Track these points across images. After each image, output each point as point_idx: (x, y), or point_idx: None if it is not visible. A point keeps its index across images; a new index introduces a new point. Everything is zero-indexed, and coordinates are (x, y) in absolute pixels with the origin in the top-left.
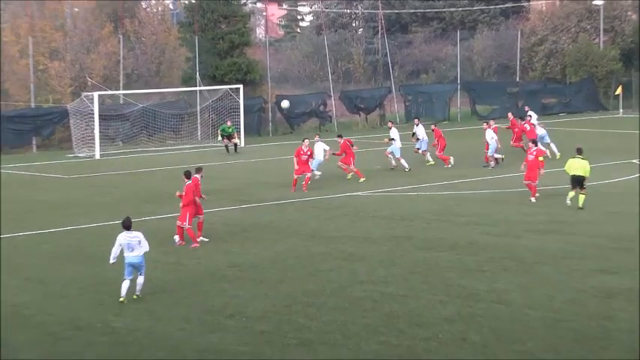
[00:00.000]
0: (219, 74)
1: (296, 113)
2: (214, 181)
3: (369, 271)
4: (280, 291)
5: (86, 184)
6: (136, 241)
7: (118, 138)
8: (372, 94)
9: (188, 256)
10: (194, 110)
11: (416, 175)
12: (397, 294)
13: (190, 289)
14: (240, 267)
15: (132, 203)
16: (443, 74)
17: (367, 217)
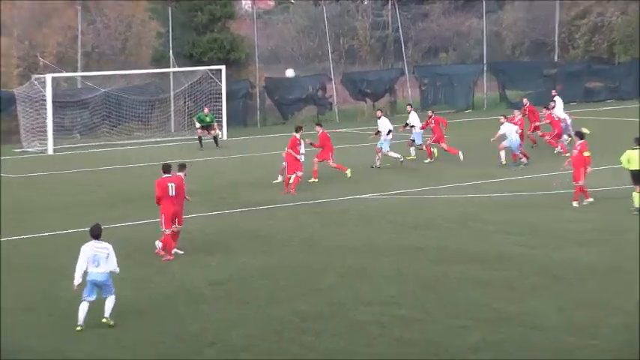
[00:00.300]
0: (197, 53)
1: (289, 100)
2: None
3: (375, 289)
4: (269, 313)
5: (37, 185)
6: (104, 254)
7: (76, 129)
8: (380, 76)
9: (160, 272)
10: (167, 96)
11: (432, 175)
12: (410, 317)
13: (162, 312)
14: (221, 284)
15: (91, 208)
16: (466, 53)
17: (374, 223)
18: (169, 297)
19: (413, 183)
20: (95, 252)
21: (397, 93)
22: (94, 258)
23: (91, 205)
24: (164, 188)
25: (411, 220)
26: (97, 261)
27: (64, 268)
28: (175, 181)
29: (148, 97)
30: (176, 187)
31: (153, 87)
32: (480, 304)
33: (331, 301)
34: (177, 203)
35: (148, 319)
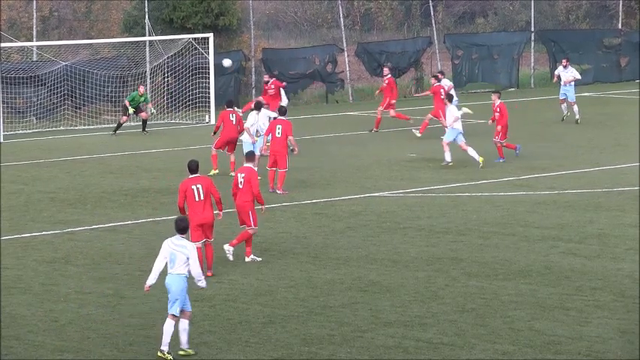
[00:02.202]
0: (179, 18)
1: (292, 76)
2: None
3: (398, 308)
4: (269, 337)
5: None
6: (182, 254)
7: (31, 111)
8: (403, 47)
9: (132, 286)
10: (142, 70)
11: (465, 169)
12: (439, 342)
13: (137, 334)
14: (210, 301)
15: (49, 207)
16: (509, 18)
17: (396, 228)
18: (143, 316)
19: (444, 177)
20: (172, 250)
21: (424, 67)
22: (171, 257)
23: (48, 204)
24: (188, 192)
25: (442, 223)
26: (173, 261)
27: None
28: (203, 183)
29: (118, 72)
30: (204, 190)
31: (125, 59)
32: (524, 326)
33: (343, 321)
34: (205, 210)
35: (117, 344)
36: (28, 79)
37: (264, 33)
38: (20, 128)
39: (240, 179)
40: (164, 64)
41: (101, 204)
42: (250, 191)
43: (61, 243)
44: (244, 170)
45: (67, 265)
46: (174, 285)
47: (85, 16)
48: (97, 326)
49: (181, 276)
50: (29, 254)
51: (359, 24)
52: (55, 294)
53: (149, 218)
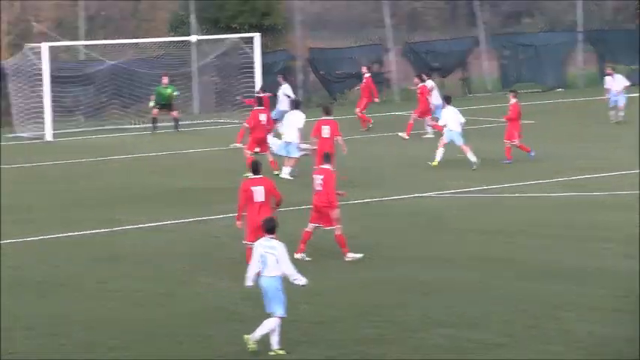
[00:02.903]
0: (225, 17)
1: (338, 75)
2: (213, 176)
3: (449, 308)
4: (319, 337)
5: (32, 178)
6: (272, 255)
7: (79, 110)
8: (450, 47)
9: (183, 284)
10: (188, 70)
11: (513, 169)
12: (491, 342)
13: (187, 333)
14: (259, 300)
15: (97, 205)
16: (556, 18)
17: (446, 229)
18: (194, 315)
19: (493, 178)
20: (263, 251)
21: (471, 68)
22: (262, 258)
23: (96, 202)
24: (248, 193)
25: (493, 224)
26: (265, 263)
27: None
28: (265, 185)
29: (165, 72)
30: (265, 192)
31: (171, 59)
32: (576, 327)
33: (394, 321)
34: (263, 212)
35: (168, 342)
36: (76, 78)
37: (311, 32)
38: (68, 127)
39: (318, 181)
40: (211, 64)
41: (149, 203)
42: (333, 191)
43: (110, 241)
44: (322, 172)
45: (116, 264)
46: (269, 287)
47: (131, 16)
48: (147, 325)
49: (275, 277)
50: (79, 252)
51: (405, 24)
52: (105, 292)
53: (196, 217)
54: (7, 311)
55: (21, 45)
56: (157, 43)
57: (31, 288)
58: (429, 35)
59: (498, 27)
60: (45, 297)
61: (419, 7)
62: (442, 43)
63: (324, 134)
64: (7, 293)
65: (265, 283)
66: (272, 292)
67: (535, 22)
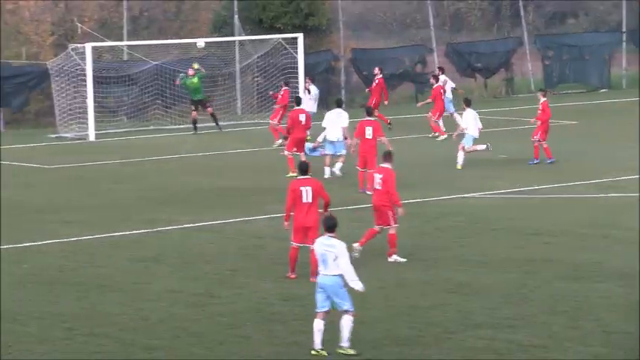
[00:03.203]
0: (268, 18)
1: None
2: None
3: (488, 309)
4: (359, 337)
5: (75, 178)
6: (331, 254)
7: (122, 111)
8: (493, 47)
9: (224, 285)
10: (231, 70)
11: (555, 169)
12: (530, 344)
13: (227, 333)
14: (301, 301)
15: (140, 206)
16: (600, 18)
17: (486, 229)
18: (233, 315)
19: (533, 179)
20: (323, 250)
21: (514, 68)
22: (322, 257)
23: (138, 203)
24: (297, 193)
25: (534, 225)
26: (325, 262)
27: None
28: (313, 185)
29: (208, 72)
30: (313, 193)
31: (214, 59)
32: (616, 328)
33: (433, 322)
34: (310, 213)
35: (208, 343)
36: (119, 78)
37: (354, 33)
38: (111, 127)
39: (377, 180)
40: (254, 64)
41: (191, 203)
42: (394, 190)
43: (151, 242)
44: (382, 171)
45: (157, 264)
46: (332, 285)
47: (174, 16)
48: (187, 325)
49: (334, 277)
50: (120, 253)
51: (448, 24)
52: (146, 292)
53: (238, 218)
54: (47, 311)
55: (65, 45)
56: None
57: (72, 288)
58: (473, 36)
59: (542, 27)
60: (86, 297)
61: (463, 8)
62: (486, 43)
63: (367, 135)
64: (49, 293)
65: (325, 281)
66: (334, 290)
67: (579, 23)
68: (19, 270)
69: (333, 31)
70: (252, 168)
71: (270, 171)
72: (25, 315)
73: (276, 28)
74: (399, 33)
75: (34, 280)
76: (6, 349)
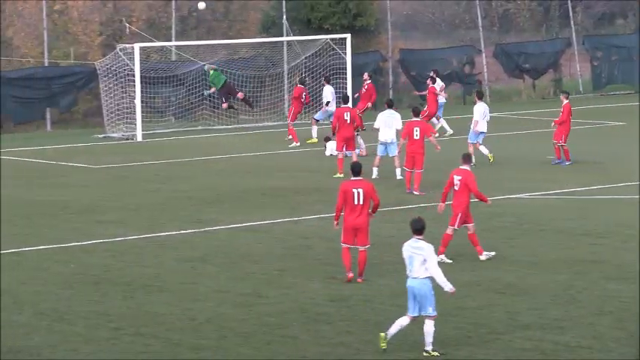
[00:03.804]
0: (317, 18)
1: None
2: (303, 176)
3: (535, 310)
4: (405, 338)
5: (122, 178)
6: (419, 256)
7: (169, 111)
8: (542, 48)
9: (269, 286)
10: (279, 71)
11: (603, 170)
12: (577, 344)
13: (274, 334)
14: (347, 302)
15: (187, 206)
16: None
17: (534, 230)
18: (280, 315)
19: (581, 180)
20: (411, 253)
21: (563, 69)
22: (409, 260)
23: (186, 203)
24: (348, 194)
25: (582, 226)
26: (412, 264)
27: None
28: (364, 187)
29: (256, 72)
30: (365, 195)
31: (262, 60)
32: None
33: (480, 323)
34: (361, 215)
35: (255, 343)
36: (167, 78)
37: (402, 33)
38: (159, 127)
39: (455, 181)
40: (302, 65)
41: (239, 203)
42: (467, 193)
43: (199, 242)
44: (460, 172)
45: (204, 264)
46: (420, 289)
47: (223, 16)
48: (234, 325)
49: (422, 280)
50: (167, 253)
51: (497, 25)
52: (193, 292)
53: (287, 218)
54: (93, 311)
55: (113, 45)
56: (249, 44)
57: (118, 288)
58: (522, 36)
59: (591, 28)
60: (132, 297)
61: (512, 8)
62: (534, 44)
63: (414, 135)
64: (95, 292)
65: (414, 284)
66: (422, 293)
67: (628, 24)
68: (66, 270)
69: (381, 32)
70: (299, 168)
71: (318, 171)
72: (71, 314)
73: (324, 28)
74: (448, 34)
75: (81, 279)
76: (51, 348)
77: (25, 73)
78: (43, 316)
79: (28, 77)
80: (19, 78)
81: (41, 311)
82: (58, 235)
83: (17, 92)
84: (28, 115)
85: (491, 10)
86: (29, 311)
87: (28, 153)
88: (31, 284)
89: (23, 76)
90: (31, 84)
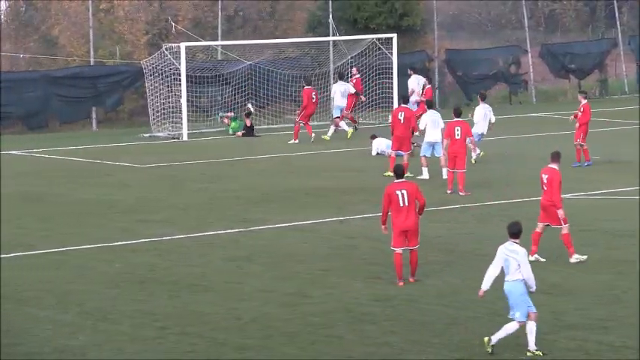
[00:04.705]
0: (363, 18)
1: (475, 77)
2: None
3: (580, 310)
4: (451, 338)
5: (168, 178)
6: (514, 260)
7: (215, 110)
8: (588, 48)
9: (314, 285)
10: (325, 70)
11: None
12: (622, 345)
13: (319, 333)
14: (392, 302)
15: (233, 205)
16: None
17: (579, 231)
18: (325, 315)
19: (625, 181)
20: (506, 256)
21: (609, 70)
22: (505, 263)
23: (232, 202)
24: (392, 197)
25: (624, 227)
26: (508, 267)
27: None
28: (408, 189)
29: (302, 72)
30: (409, 196)
31: (309, 59)
32: None
33: None
34: (409, 217)
35: (300, 343)
36: (213, 78)
37: (448, 33)
38: (204, 127)
39: (544, 180)
40: (348, 64)
41: (284, 203)
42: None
43: (245, 241)
44: (548, 171)
45: (250, 264)
46: (512, 292)
47: (269, 16)
48: (279, 325)
49: (517, 281)
50: (214, 252)
51: (543, 25)
52: (238, 292)
53: (332, 217)
54: (139, 310)
55: (159, 45)
56: (295, 44)
57: (164, 287)
58: (567, 37)
59: (637, 28)
60: (178, 296)
61: (557, 9)
62: (580, 44)
63: (456, 135)
64: (140, 292)
65: (509, 287)
66: (515, 296)
67: None
68: (111, 269)
69: (427, 32)
70: (344, 168)
71: (363, 171)
72: (116, 314)
73: (370, 28)
74: (494, 34)
75: (126, 279)
76: (96, 347)
77: (71, 72)
78: (88, 315)
79: (74, 76)
80: (65, 77)
81: (86, 310)
82: (103, 234)
83: (63, 91)
84: (74, 114)
85: (537, 10)
86: (74, 310)
87: (73, 152)
88: (76, 283)
89: (69, 75)
90: (77, 83)
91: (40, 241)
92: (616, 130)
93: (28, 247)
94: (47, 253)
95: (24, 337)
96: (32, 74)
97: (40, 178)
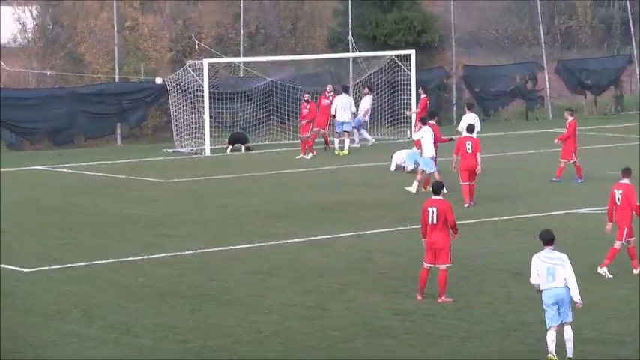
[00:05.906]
0: (382, 35)
1: (492, 93)
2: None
3: (596, 325)
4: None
5: (191, 193)
6: (560, 266)
7: (237, 126)
8: (603, 65)
9: (334, 299)
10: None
11: None
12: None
13: (338, 347)
14: (410, 315)
15: (254, 220)
16: None
17: (595, 245)
18: (345, 329)
19: None
20: (548, 263)
21: (624, 86)
22: (548, 271)
23: (253, 217)
24: (424, 214)
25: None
26: (553, 275)
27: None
28: (439, 206)
29: (322, 88)
30: (438, 214)
31: (328, 76)
32: None
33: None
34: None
35: (318, 356)
36: (235, 94)
37: (466, 50)
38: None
39: (617, 195)
40: (367, 80)
41: (305, 218)
42: (628, 207)
43: (266, 255)
44: (621, 187)
45: (271, 277)
46: (564, 297)
47: (290, 33)
48: (299, 338)
49: (564, 288)
50: (235, 266)
51: (559, 41)
52: (260, 305)
53: (351, 232)
54: (160, 323)
55: (182, 61)
56: (315, 60)
57: (186, 300)
58: (583, 53)
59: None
60: (200, 310)
61: (574, 26)
62: (596, 60)
63: (467, 150)
64: (163, 305)
65: (558, 293)
66: (566, 301)
67: None
68: (134, 282)
69: (445, 48)
70: (365, 183)
71: (381, 186)
72: (139, 327)
73: (389, 44)
74: (511, 50)
75: (149, 292)
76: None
77: (96, 88)
78: (112, 328)
79: (99, 93)
80: (91, 94)
81: (110, 324)
82: (127, 248)
83: (88, 108)
84: (99, 130)
85: (554, 27)
86: (98, 324)
87: (98, 167)
88: (100, 297)
89: (94, 92)
90: (102, 99)
91: (65, 255)
92: (631, 146)
93: (53, 261)
94: (72, 267)
95: (50, 350)
96: (59, 91)
97: (65, 193)
